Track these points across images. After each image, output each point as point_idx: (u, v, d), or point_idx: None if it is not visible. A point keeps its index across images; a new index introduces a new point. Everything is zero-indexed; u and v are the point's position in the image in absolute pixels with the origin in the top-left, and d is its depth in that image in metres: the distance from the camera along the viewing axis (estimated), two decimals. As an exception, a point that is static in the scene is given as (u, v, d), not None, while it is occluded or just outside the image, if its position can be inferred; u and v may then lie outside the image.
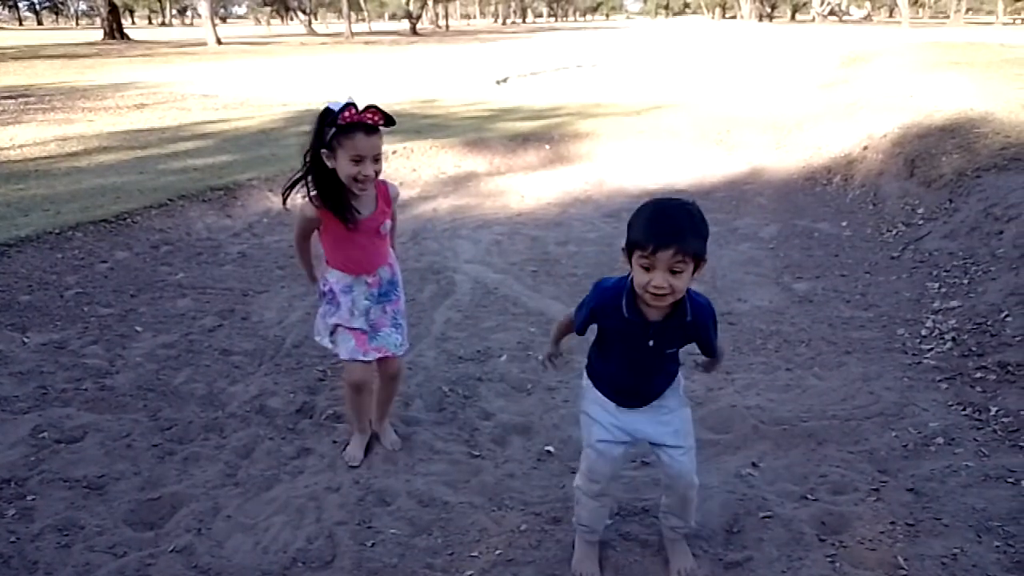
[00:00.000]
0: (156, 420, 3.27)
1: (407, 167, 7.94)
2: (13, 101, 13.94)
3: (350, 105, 2.49)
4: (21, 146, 9.30)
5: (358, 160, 2.53)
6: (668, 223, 1.88)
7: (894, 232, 5.48)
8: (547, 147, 8.81)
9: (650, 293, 1.92)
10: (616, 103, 11.34)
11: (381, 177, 2.72)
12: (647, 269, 1.89)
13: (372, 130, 2.52)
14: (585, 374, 2.27)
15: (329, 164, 2.57)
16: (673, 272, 1.88)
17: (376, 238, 2.78)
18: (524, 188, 7.52)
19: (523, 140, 8.89)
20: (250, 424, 3.25)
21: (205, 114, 12.01)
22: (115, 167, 7.84)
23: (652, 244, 1.86)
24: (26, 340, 4.01)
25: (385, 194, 2.76)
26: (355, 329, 2.83)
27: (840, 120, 8.69)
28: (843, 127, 8.35)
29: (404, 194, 7.25)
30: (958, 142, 6.09)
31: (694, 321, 2.04)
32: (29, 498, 2.73)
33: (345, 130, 2.50)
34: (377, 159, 2.58)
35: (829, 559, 2.34)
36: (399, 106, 11.82)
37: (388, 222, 2.79)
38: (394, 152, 7.99)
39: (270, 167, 7.23)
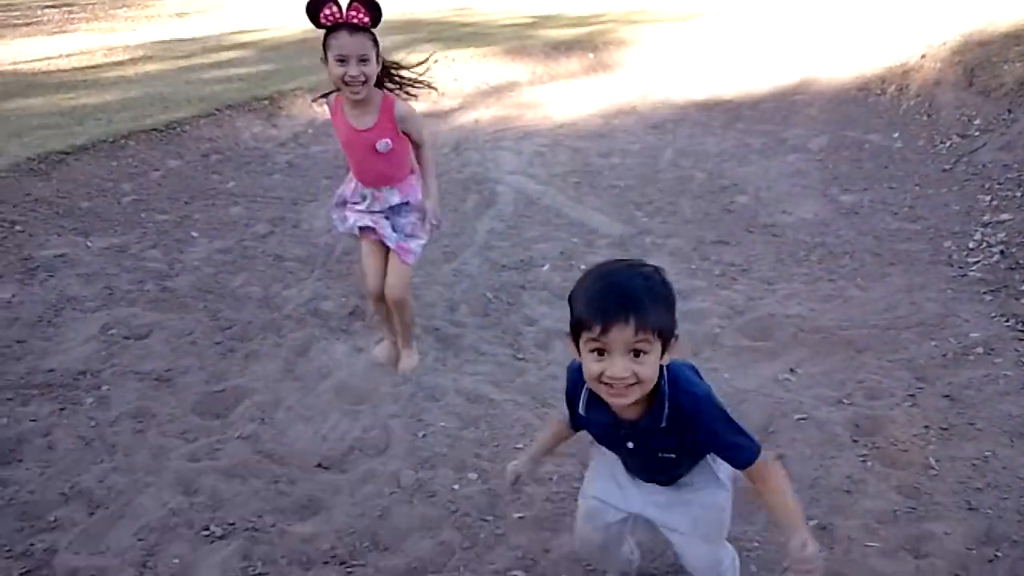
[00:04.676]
0: (216, 320, 3.44)
1: (448, 76, 7.85)
2: (57, 11, 13.96)
3: (331, 2, 2.38)
4: (68, 55, 9.39)
5: (342, 60, 2.43)
6: (620, 290, 1.42)
7: (948, 144, 5.33)
8: (591, 56, 8.62)
9: (606, 386, 1.44)
10: (661, 10, 10.94)
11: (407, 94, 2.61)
12: (600, 354, 1.43)
13: (356, 29, 2.40)
14: None
15: (328, 69, 2.50)
16: (635, 354, 1.42)
17: (371, 154, 2.60)
18: (566, 98, 7.41)
19: (566, 48, 8.69)
20: (305, 325, 3.41)
21: (246, 23, 11.92)
22: (161, 76, 7.91)
23: (601, 320, 1.40)
24: (89, 244, 4.19)
25: (390, 110, 2.55)
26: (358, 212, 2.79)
27: (897, 28, 8.31)
28: (900, 35, 7.98)
29: (446, 104, 7.21)
30: (1022, 50, 5.81)
31: (677, 425, 1.52)
32: (104, 388, 2.93)
33: (329, 31, 2.42)
34: (365, 60, 2.44)
35: (861, 459, 2.43)
36: (439, 13, 11.58)
37: (387, 141, 2.58)
38: (435, 61, 7.87)
39: (312, 76, 7.21)
